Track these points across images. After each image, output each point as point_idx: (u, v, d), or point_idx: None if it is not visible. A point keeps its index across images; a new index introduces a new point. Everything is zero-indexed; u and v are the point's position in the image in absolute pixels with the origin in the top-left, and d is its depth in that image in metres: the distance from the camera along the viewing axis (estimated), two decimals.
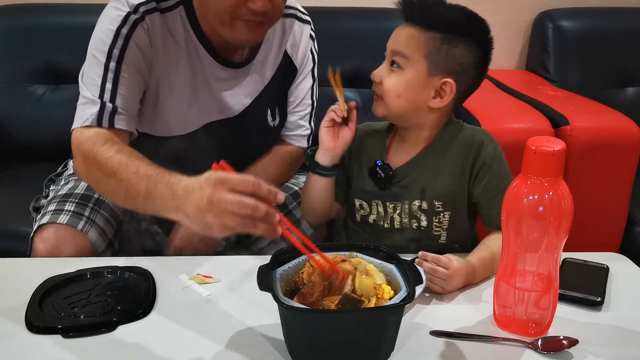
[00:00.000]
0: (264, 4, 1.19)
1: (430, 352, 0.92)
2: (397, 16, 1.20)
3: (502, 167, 1.19)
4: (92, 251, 1.25)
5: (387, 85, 1.17)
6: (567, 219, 0.89)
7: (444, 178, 1.20)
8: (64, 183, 1.41)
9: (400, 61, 1.16)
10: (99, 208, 1.31)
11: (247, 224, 0.89)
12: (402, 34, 1.17)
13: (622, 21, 2.43)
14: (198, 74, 1.33)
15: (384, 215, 1.24)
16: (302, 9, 1.47)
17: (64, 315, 0.97)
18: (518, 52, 2.57)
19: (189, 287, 1.08)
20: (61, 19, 2.16)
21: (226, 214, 0.89)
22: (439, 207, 1.21)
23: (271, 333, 0.95)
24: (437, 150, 1.22)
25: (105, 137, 1.18)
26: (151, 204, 1.02)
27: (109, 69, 1.22)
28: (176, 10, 1.29)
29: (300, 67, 1.46)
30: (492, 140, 1.22)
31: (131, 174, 1.07)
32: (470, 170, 1.20)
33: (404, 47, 1.16)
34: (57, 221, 1.24)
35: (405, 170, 1.23)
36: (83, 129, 1.21)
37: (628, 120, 1.88)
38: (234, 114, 1.39)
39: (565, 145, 0.89)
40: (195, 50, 1.31)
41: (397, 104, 1.17)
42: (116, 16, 1.23)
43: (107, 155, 1.13)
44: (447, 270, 1.04)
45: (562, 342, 0.93)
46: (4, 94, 2.07)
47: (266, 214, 0.89)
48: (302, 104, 1.48)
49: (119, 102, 1.22)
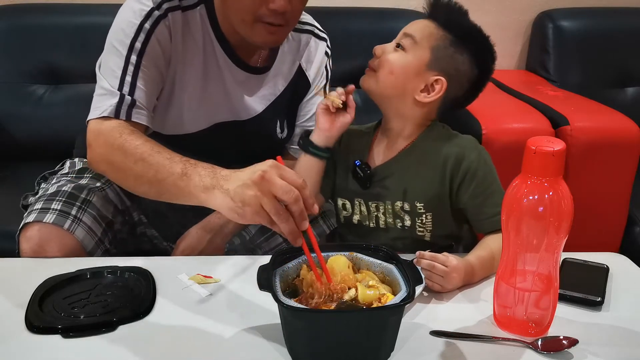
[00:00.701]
0: (284, 3, 1.20)
1: (430, 352, 0.92)
2: (396, 16, 1.21)
3: (487, 173, 1.19)
4: (79, 250, 1.23)
5: (386, 57, 1.19)
6: (567, 219, 0.89)
7: (424, 181, 1.21)
8: (55, 182, 1.40)
9: (407, 43, 1.19)
10: (86, 207, 1.30)
11: (280, 214, 0.91)
12: (420, 23, 1.21)
13: (622, 21, 2.43)
14: (212, 73, 1.34)
15: (368, 214, 1.26)
16: (319, 27, 1.49)
17: (64, 315, 0.97)
18: (518, 52, 2.57)
19: (189, 287, 1.08)
20: (61, 19, 2.16)
21: (268, 195, 0.91)
22: (420, 208, 1.21)
23: (271, 333, 0.94)
24: (418, 152, 1.23)
25: (130, 129, 1.19)
26: (185, 185, 1.03)
27: (129, 62, 1.22)
28: (197, 9, 1.30)
29: (313, 83, 1.48)
30: (475, 148, 1.21)
31: (165, 159, 1.09)
32: (451, 180, 1.20)
33: (416, 32, 1.19)
34: (42, 220, 1.23)
35: (385, 169, 1.24)
36: (102, 119, 1.20)
37: (628, 120, 1.88)
38: (243, 117, 1.40)
39: (565, 145, 0.89)
40: (212, 49, 1.32)
41: (388, 79, 1.19)
42: (139, 10, 1.24)
43: (136, 143, 1.14)
44: (446, 267, 1.05)
45: (562, 342, 0.93)
46: (4, 94, 2.07)
47: (300, 214, 0.92)
48: (312, 119, 1.48)
49: (137, 95, 1.22)
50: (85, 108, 1.26)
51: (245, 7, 1.22)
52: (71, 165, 1.48)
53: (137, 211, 1.45)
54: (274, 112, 1.44)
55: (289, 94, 1.45)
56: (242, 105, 1.39)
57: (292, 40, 1.44)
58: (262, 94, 1.41)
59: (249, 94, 1.39)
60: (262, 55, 1.39)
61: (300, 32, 1.44)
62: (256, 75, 1.39)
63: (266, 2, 1.20)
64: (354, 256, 0.99)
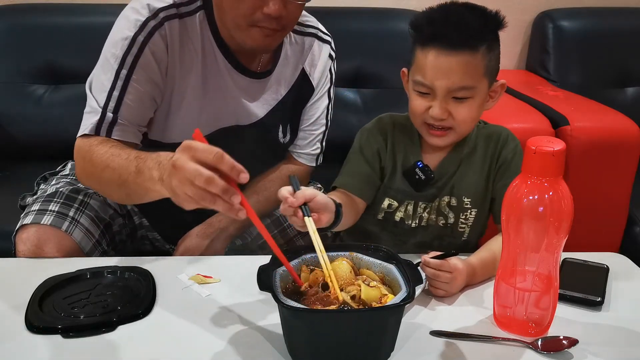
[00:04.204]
0: (278, 8, 1.19)
1: (430, 352, 0.92)
2: (396, 16, 1.19)
3: (520, 166, 1.19)
4: (76, 252, 1.24)
5: (461, 117, 1.13)
6: (567, 219, 0.89)
7: (473, 174, 1.21)
8: (54, 183, 1.40)
9: (466, 93, 1.12)
10: (84, 209, 1.30)
11: (205, 196, 0.87)
12: (454, 66, 1.09)
13: (622, 21, 2.43)
14: (212, 78, 1.32)
15: (413, 214, 1.23)
16: (323, 29, 1.47)
17: (64, 315, 0.97)
18: (518, 52, 2.57)
19: (189, 287, 1.08)
20: (61, 19, 2.17)
21: (186, 182, 0.88)
22: (467, 203, 1.21)
23: (271, 333, 0.95)
24: (468, 146, 1.22)
25: (102, 140, 1.19)
26: (140, 180, 1.03)
27: (119, 77, 1.22)
28: (196, 15, 1.29)
29: (318, 86, 1.46)
30: (514, 138, 1.23)
31: (123, 160, 1.09)
32: (495, 165, 1.20)
33: (466, 80, 1.10)
34: (40, 222, 1.23)
35: (441, 170, 1.21)
36: (83, 137, 1.22)
37: (628, 120, 1.88)
38: (245, 123, 1.39)
39: (565, 145, 0.89)
40: (212, 54, 1.31)
41: (469, 128, 1.18)
42: (134, 21, 1.23)
43: (101, 151, 1.15)
44: (450, 274, 1.04)
45: (562, 342, 0.93)
46: (4, 94, 2.07)
47: (224, 191, 0.86)
48: (316, 123, 1.48)
49: (122, 112, 1.22)
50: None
51: (240, 11, 1.21)
52: (72, 168, 1.48)
53: (137, 215, 1.45)
54: (276, 116, 1.42)
55: (292, 98, 1.44)
56: (243, 111, 1.37)
57: (295, 43, 1.42)
58: (263, 98, 1.40)
59: (250, 99, 1.38)
60: (264, 59, 1.37)
61: (303, 34, 1.43)
62: (257, 80, 1.38)
63: (261, 7, 1.19)
64: (354, 256, 0.99)
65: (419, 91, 1.14)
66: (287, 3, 1.20)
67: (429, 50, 1.10)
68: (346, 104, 2.18)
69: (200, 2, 1.29)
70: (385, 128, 1.25)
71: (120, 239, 1.40)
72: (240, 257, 1.23)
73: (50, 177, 1.48)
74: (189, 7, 1.28)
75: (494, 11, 1.13)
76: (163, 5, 1.24)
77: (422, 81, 1.12)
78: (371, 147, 1.24)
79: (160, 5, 1.24)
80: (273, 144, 1.45)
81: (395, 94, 1.20)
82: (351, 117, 2.12)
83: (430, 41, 1.10)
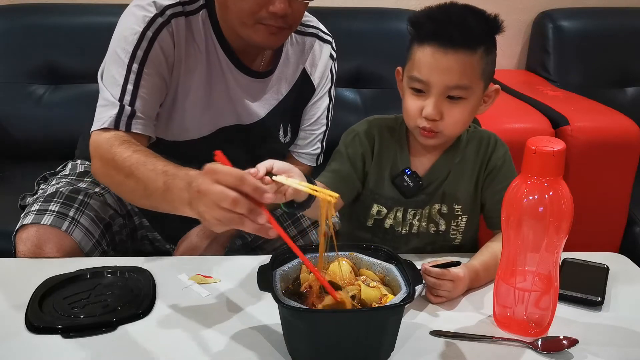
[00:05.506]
0: (284, 6, 1.19)
1: (430, 352, 0.92)
2: (396, 16, 1.18)
3: (509, 171, 1.19)
4: (76, 252, 1.23)
5: (453, 119, 1.11)
6: (567, 219, 0.89)
7: (464, 180, 1.20)
8: (54, 183, 1.40)
9: (462, 93, 1.10)
10: (84, 209, 1.30)
11: (233, 218, 0.87)
12: (451, 64, 1.07)
13: (622, 21, 2.43)
14: (215, 77, 1.33)
15: (402, 221, 1.22)
16: (324, 29, 1.47)
17: (64, 315, 0.97)
18: (518, 52, 2.57)
19: (189, 287, 1.08)
20: (61, 19, 2.16)
21: (213, 206, 0.87)
22: (458, 210, 1.20)
23: (271, 333, 0.95)
24: (457, 152, 1.20)
25: (122, 139, 1.17)
26: (170, 198, 1.01)
27: (131, 70, 1.22)
28: (199, 14, 1.29)
29: (318, 86, 1.46)
30: (503, 144, 1.22)
31: (149, 171, 1.07)
32: (484, 171, 1.20)
33: (462, 79, 1.08)
34: (40, 222, 1.23)
35: (430, 176, 1.20)
36: (101, 131, 1.20)
37: (628, 120, 1.88)
38: (246, 122, 1.39)
39: (565, 145, 0.89)
40: (215, 53, 1.31)
41: (460, 131, 1.17)
42: (142, 17, 1.23)
43: (124, 155, 1.13)
44: (452, 283, 1.03)
45: (562, 342, 0.93)
46: (4, 94, 2.07)
47: (250, 212, 0.86)
48: (316, 123, 1.48)
49: (138, 105, 1.22)
50: (85, 108, 1.26)
51: (245, 10, 1.21)
52: (72, 168, 1.48)
53: (137, 215, 1.45)
54: (277, 116, 1.42)
55: (293, 98, 1.44)
56: (245, 110, 1.38)
57: (296, 43, 1.42)
58: (265, 98, 1.40)
59: (251, 98, 1.38)
60: (265, 59, 1.38)
61: (304, 34, 1.43)
62: (259, 80, 1.38)
63: (266, 5, 1.19)
64: (354, 256, 0.99)
65: (414, 88, 1.11)
66: (292, 2, 1.20)
67: (428, 46, 1.09)
68: (346, 104, 2.18)
69: (202, 1, 1.29)
70: (372, 132, 1.22)
71: (120, 239, 1.40)
72: (240, 257, 1.23)
73: (50, 177, 1.48)
74: (192, 5, 1.28)
75: (493, 15, 1.13)
76: (169, 3, 1.25)
77: (418, 77, 1.10)
78: (355, 149, 1.22)
79: (167, 2, 1.25)
80: (273, 143, 1.45)
81: (395, 94, 1.20)
82: (351, 117, 2.09)
83: (430, 38, 1.08)
